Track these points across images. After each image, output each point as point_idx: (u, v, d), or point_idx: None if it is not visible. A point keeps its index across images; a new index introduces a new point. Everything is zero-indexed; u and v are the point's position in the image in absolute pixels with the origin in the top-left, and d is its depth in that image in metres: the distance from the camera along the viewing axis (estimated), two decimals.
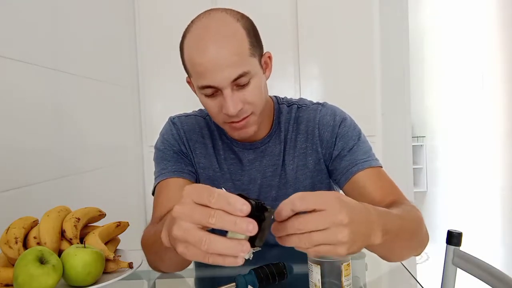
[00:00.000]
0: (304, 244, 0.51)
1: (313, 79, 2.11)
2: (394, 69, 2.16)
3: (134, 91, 2.04)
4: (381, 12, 2.11)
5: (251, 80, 0.83)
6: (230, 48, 0.78)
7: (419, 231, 0.77)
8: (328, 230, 0.51)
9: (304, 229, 0.51)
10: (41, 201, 1.13)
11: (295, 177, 0.97)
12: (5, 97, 1.03)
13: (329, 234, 0.51)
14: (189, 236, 0.48)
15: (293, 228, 0.51)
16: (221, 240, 0.47)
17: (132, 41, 2.05)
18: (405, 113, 2.20)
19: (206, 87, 0.81)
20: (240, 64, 0.79)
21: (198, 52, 0.79)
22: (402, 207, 0.78)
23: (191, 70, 0.83)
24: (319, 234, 0.51)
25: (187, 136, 0.99)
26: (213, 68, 0.78)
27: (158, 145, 1.00)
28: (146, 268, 0.84)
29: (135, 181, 2.01)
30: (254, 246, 0.49)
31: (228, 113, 0.81)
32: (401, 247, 0.73)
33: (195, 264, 1.02)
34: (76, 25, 1.46)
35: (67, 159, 1.33)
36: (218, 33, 0.79)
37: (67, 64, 1.36)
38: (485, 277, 0.83)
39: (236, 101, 0.81)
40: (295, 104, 1.00)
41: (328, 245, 0.51)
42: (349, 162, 0.90)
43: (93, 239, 0.76)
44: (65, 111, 1.34)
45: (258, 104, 0.86)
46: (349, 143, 0.93)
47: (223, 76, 0.78)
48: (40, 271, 0.61)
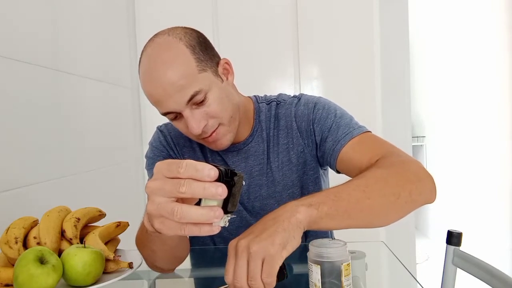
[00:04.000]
0: (258, 285, 0.55)
1: (313, 79, 2.11)
2: (394, 69, 2.16)
3: (134, 91, 2.04)
4: (381, 12, 2.11)
5: (208, 95, 0.83)
6: (175, 73, 0.79)
7: (390, 181, 0.70)
8: (249, 262, 0.55)
9: (242, 282, 0.55)
10: (41, 201, 1.13)
11: (282, 173, 0.98)
12: (5, 97, 1.03)
13: (251, 262, 0.55)
14: (162, 210, 0.49)
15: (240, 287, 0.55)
16: (193, 209, 0.48)
17: (132, 41, 2.05)
18: (405, 113, 2.19)
19: (166, 113, 0.84)
20: (190, 85, 0.80)
21: (146, 84, 0.82)
22: (371, 169, 0.74)
23: (148, 100, 0.84)
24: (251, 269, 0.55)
25: (174, 142, 1.01)
26: (164, 96, 0.80)
27: (148, 154, 1.02)
28: (146, 268, 0.84)
29: (135, 181, 2.01)
30: (227, 212, 0.50)
31: (193, 133, 0.83)
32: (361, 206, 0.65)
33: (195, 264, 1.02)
34: (76, 25, 1.46)
35: (67, 159, 1.33)
36: (161, 61, 0.80)
37: (67, 64, 1.36)
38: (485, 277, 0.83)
39: (198, 119, 0.82)
40: (274, 101, 1.01)
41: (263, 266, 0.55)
42: (332, 142, 0.90)
43: (93, 239, 0.76)
44: (65, 111, 1.34)
45: (223, 115, 0.86)
46: (327, 124, 0.92)
47: (175, 101, 0.80)
48: (40, 271, 0.61)
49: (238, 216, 0.98)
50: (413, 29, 2.66)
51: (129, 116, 1.97)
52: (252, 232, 0.58)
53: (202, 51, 0.85)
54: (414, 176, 0.73)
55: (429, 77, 3.95)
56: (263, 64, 2.09)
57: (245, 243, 0.56)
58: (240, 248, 0.56)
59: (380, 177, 0.70)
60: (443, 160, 3.80)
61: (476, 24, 3.12)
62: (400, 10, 2.18)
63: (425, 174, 0.74)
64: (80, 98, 1.45)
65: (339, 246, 0.65)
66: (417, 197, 0.71)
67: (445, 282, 0.95)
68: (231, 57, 1.19)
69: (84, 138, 1.46)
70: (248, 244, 0.56)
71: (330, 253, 0.64)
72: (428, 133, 4.10)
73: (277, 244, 0.55)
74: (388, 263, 0.99)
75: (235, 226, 0.97)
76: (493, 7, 2.91)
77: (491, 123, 2.98)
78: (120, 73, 1.89)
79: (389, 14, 2.14)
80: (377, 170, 0.73)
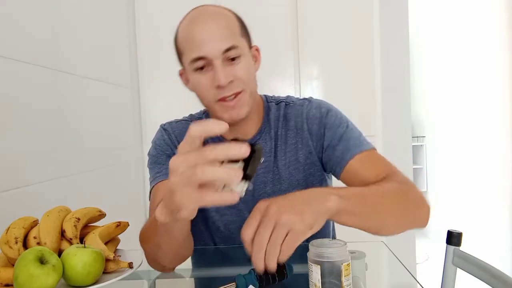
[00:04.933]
0: (275, 252, 0.56)
1: (313, 79, 2.11)
2: (394, 69, 2.16)
3: (134, 91, 2.04)
4: (381, 12, 2.11)
5: (241, 57, 0.87)
6: (221, 23, 0.86)
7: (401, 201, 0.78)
8: (275, 228, 0.57)
9: (262, 243, 0.57)
10: (41, 201, 1.13)
11: (288, 172, 0.98)
12: (5, 97, 1.03)
13: (277, 229, 0.57)
14: (185, 177, 0.50)
15: (258, 248, 0.57)
16: (215, 167, 0.49)
17: (132, 41, 2.05)
18: (405, 113, 2.19)
19: (198, 58, 0.85)
20: (231, 38, 0.85)
21: (192, 26, 0.86)
22: (383, 182, 0.81)
23: (184, 47, 0.88)
24: (274, 235, 0.56)
25: (178, 140, 1.00)
26: (206, 38, 0.84)
27: (151, 152, 1.03)
28: (146, 268, 0.84)
29: (135, 181, 2.01)
30: (246, 177, 0.52)
31: (219, 83, 0.83)
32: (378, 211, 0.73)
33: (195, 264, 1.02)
34: (76, 25, 1.46)
35: (67, 159, 1.33)
36: (211, 12, 0.88)
37: (67, 64, 1.36)
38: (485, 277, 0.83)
39: (226, 72, 0.84)
40: (283, 101, 1.02)
41: (287, 237, 0.57)
42: (341, 151, 0.92)
43: (93, 239, 0.76)
44: (65, 111, 1.34)
45: (248, 82, 0.88)
46: (338, 132, 0.94)
47: (215, 46, 0.83)
48: (40, 271, 0.61)
49: (239, 215, 0.98)
50: (413, 29, 2.66)
51: (129, 116, 1.97)
52: (283, 202, 0.60)
53: (244, 26, 0.92)
54: (419, 202, 0.82)
55: (429, 77, 3.95)
56: (263, 64, 2.07)
57: (276, 209, 0.58)
58: (270, 212, 0.58)
59: (394, 193, 0.78)
60: (443, 160, 3.80)
61: (476, 24, 3.12)
62: (400, 10, 2.18)
63: (425, 202, 0.83)
64: (80, 98, 1.45)
65: (339, 246, 0.65)
66: (417, 221, 0.82)
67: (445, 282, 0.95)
68: None
69: (84, 138, 1.46)
70: (279, 212, 0.58)
71: (330, 253, 0.64)
72: (428, 133, 4.10)
73: (307, 222, 0.58)
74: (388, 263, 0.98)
75: (236, 225, 0.97)
76: (493, 7, 2.91)
77: (491, 123, 2.98)
78: (120, 73, 1.89)
79: (389, 14, 2.14)
80: (392, 185, 0.80)
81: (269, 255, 0.57)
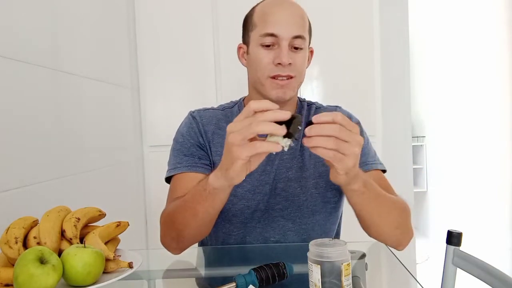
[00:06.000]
0: (328, 145, 0.66)
1: (313, 79, 2.11)
2: (394, 69, 2.16)
3: (134, 91, 2.04)
4: (381, 12, 2.11)
5: (303, 50, 0.97)
6: (299, 12, 0.97)
7: (400, 215, 0.92)
8: (350, 143, 0.67)
9: (337, 135, 0.66)
10: (41, 201, 1.13)
11: (313, 162, 1.04)
12: (5, 97, 1.03)
13: (350, 145, 0.67)
14: (240, 133, 0.66)
15: (330, 130, 0.66)
16: (265, 122, 0.65)
17: (132, 41, 2.05)
18: (405, 113, 2.19)
19: (268, 35, 0.94)
20: (302, 28, 0.96)
21: (274, 5, 0.96)
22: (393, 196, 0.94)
23: (259, 21, 0.97)
24: (343, 143, 0.67)
25: (205, 128, 1.05)
26: (283, 19, 0.94)
27: (177, 138, 1.06)
28: (146, 268, 0.84)
29: (135, 181, 2.01)
30: (289, 136, 0.66)
31: (281, 61, 0.93)
32: (380, 213, 0.87)
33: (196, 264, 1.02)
34: (76, 25, 1.46)
35: (67, 159, 1.33)
36: (291, 2, 1.00)
37: (67, 64, 1.36)
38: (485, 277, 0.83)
39: (289, 54, 0.94)
40: (314, 105, 1.12)
41: (341, 154, 0.67)
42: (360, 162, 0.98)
43: (93, 239, 0.76)
44: (65, 111, 1.34)
45: (300, 72, 0.98)
46: None
47: (288, 28, 0.93)
48: (40, 271, 0.61)
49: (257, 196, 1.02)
50: (413, 29, 2.66)
51: (129, 116, 1.97)
52: None
53: (310, 25, 1.02)
54: (409, 227, 0.95)
55: (429, 77, 3.95)
56: None
57: (360, 149, 0.72)
58: (360, 142, 0.70)
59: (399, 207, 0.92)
60: (443, 160, 3.80)
61: (476, 24, 3.12)
62: (400, 10, 2.18)
63: (412, 230, 0.96)
64: (80, 98, 1.45)
65: (339, 246, 0.65)
66: (400, 241, 0.93)
67: (445, 282, 0.95)
68: (232, 57, 1.19)
69: (84, 138, 1.46)
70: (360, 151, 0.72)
71: (330, 253, 0.64)
72: (428, 133, 4.10)
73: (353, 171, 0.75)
74: (388, 263, 0.99)
75: (251, 210, 1.02)
76: (493, 7, 2.91)
77: (491, 123, 2.98)
78: (120, 73, 1.89)
79: (389, 14, 2.14)
80: (399, 200, 0.94)
81: (324, 141, 0.67)
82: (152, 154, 2.08)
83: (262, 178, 1.02)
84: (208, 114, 1.07)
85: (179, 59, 2.09)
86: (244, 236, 1.03)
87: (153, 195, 2.09)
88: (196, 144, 1.03)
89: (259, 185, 1.02)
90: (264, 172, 1.02)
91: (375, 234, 0.92)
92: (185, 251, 0.94)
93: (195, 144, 1.03)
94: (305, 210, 1.02)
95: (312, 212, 1.03)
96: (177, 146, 1.04)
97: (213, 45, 2.06)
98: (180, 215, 0.89)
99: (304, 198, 1.02)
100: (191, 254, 1.05)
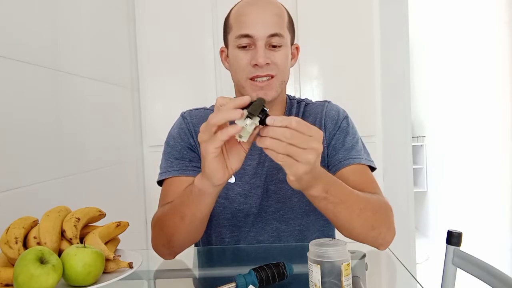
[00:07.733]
0: (278, 149, 0.64)
1: (313, 79, 2.11)
2: (394, 69, 2.16)
3: (134, 91, 2.04)
4: (381, 12, 2.11)
5: (282, 47, 0.94)
6: (275, 10, 0.94)
7: (375, 215, 0.86)
8: (306, 150, 0.64)
9: (288, 140, 0.63)
10: (41, 201, 1.13)
11: None
12: (5, 97, 1.03)
13: (304, 152, 0.64)
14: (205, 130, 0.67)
15: (281, 135, 0.63)
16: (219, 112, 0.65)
17: (132, 41, 2.05)
18: (405, 113, 2.19)
19: (243, 36, 0.92)
20: (278, 26, 0.93)
21: (248, 6, 0.95)
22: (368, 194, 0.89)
23: (234, 22, 0.95)
24: (295, 149, 0.64)
25: (195, 128, 1.04)
26: (256, 19, 0.92)
27: (168, 141, 1.06)
28: (146, 268, 0.84)
29: (135, 181, 2.01)
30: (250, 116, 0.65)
31: (257, 62, 0.91)
32: (348, 216, 0.82)
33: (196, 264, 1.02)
34: (76, 25, 1.46)
35: (67, 159, 1.33)
36: (267, 0, 0.96)
37: (67, 64, 1.36)
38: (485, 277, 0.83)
39: (266, 54, 0.92)
40: (303, 101, 1.10)
41: (293, 160, 0.65)
42: (342, 156, 0.99)
43: (93, 239, 0.76)
44: (65, 111, 1.34)
45: (282, 70, 0.95)
46: (347, 140, 1.01)
47: (262, 28, 0.91)
48: (40, 271, 0.61)
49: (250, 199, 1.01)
50: (413, 29, 2.66)
51: (129, 116, 1.97)
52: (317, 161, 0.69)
53: (291, 21, 1.00)
54: (390, 224, 0.90)
55: (429, 77, 3.95)
56: None
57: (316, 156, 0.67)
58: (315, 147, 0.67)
59: (373, 208, 0.86)
60: (443, 160, 3.80)
61: (476, 24, 3.12)
62: (400, 10, 2.18)
63: (394, 228, 0.92)
64: (80, 98, 1.45)
65: (339, 246, 0.65)
66: (380, 240, 0.89)
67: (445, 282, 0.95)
68: None
69: (84, 138, 1.46)
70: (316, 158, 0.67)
71: (330, 253, 0.64)
72: (428, 133, 4.10)
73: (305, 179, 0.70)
74: (388, 263, 0.98)
75: (244, 214, 1.01)
76: (493, 7, 2.91)
77: (491, 123, 2.98)
78: (120, 73, 1.89)
79: (389, 14, 2.14)
80: (373, 198, 0.88)
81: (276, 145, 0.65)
82: (152, 154, 2.08)
83: (253, 181, 1.02)
84: (199, 114, 1.06)
85: (179, 59, 2.09)
86: (238, 240, 1.03)
87: (153, 195, 2.08)
88: (186, 146, 1.02)
89: (251, 189, 1.01)
90: (255, 174, 1.02)
91: (349, 236, 0.89)
92: (185, 251, 0.94)
93: (186, 146, 1.02)
94: (298, 211, 1.02)
95: (305, 212, 1.02)
96: (168, 149, 1.04)
97: (213, 45, 2.06)
98: (169, 220, 0.88)
99: (296, 199, 1.02)
100: (191, 254, 1.05)
